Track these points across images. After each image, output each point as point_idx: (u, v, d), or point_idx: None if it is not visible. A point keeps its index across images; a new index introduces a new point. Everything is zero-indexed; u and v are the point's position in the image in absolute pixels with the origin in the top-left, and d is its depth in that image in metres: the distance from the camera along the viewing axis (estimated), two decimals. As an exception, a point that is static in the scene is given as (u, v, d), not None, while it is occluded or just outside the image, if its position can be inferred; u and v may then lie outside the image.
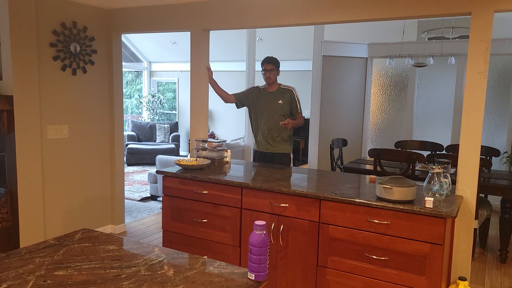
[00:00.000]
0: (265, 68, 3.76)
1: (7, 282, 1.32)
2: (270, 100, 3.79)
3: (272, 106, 3.78)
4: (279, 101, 3.77)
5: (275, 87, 3.82)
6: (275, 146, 3.80)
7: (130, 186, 6.54)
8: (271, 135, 3.79)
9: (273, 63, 3.76)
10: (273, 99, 3.78)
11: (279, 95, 3.78)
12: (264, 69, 3.77)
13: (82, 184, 4.03)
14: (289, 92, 3.79)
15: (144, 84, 10.61)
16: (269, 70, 3.75)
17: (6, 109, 3.28)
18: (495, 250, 4.17)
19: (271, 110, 3.77)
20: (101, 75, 4.13)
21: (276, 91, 3.80)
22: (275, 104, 3.77)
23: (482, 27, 2.58)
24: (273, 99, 3.78)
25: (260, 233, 1.40)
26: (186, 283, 1.35)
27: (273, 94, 3.80)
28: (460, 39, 5.52)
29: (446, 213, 2.23)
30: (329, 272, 2.59)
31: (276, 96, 3.78)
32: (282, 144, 3.81)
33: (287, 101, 3.77)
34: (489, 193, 4.09)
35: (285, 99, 3.77)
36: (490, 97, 5.74)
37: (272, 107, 3.77)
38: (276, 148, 3.81)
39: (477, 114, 2.63)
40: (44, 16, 3.57)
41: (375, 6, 2.91)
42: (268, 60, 3.77)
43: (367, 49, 6.19)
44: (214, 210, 2.98)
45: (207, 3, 3.56)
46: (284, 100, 3.76)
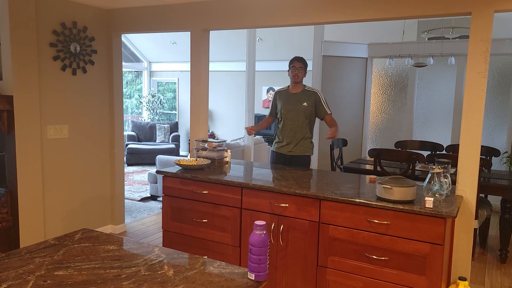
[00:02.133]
0: (294, 65, 3.70)
1: (7, 282, 1.32)
2: (295, 102, 3.71)
3: (296, 108, 3.70)
4: (304, 103, 3.68)
5: (300, 88, 3.74)
6: (297, 148, 3.73)
7: (130, 186, 6.54)
8: (294, 137, 3.72)
9: (303, 62, 3.72)
10: (297, 100, 3.71)
11: (304, 97, 3.70)
12: (293, 67, 3.70)
13: (82, 184, 4.03)
14: (314, 95, 3.72)
15: (144, 84, 10.61)
16: (298, 68, 3.69)
17: (6, 109, 3.28)
18: (495, 250, 4.17)
19: (295, 112, 3.70)
20: (101, 75, 4.13)
21: (300, 93, 3.72)
22: (300, 106, 3.69)
23: (482, 27, 2.58)
24: (297, 100, 3.71)
25: (260, 233, 1.40)
26: (186, 283, 1.35)
27: (298, 95, 3.72)
28: (460, 39, 5.52)
29: (446, 213, 2.23)
30: (329, 272, 2.59)
31: (301, 98, 3.70)
32: (303, 147, 3.74)
33: (311, 103, 3.69)
34: (489, 193, 4.09)
35: (310, 102, 3.69)
36: (490, 97, 5.74)
37: (296, 109, 3.69)
38: (297, 150, 3.73)
39: (477, 114, 2.63)
40: (44, 16, 3.57)
41: (375, 6, 2.91)
42: (298, 59, 3.73)
43: (367, 49, 6.19)
44: (214, 210, 2.98)
45: (207, 3, 3.56)
46: (308, 102, 3.68)
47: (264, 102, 9.19)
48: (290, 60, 3.79)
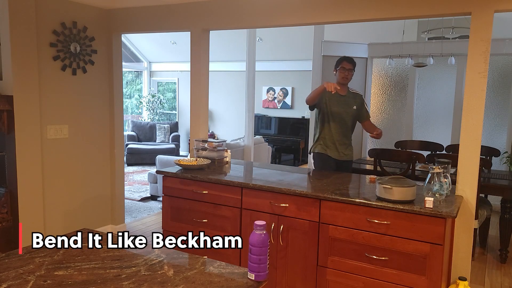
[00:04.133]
0: (344, 66, 3.53)
1: (7, 282, 1.32)
2: (344, 105, 3.58)
3: (345, 111, 3.58)
4: (354, 106, 3.58)
5: (346, 90, 3.63)
6: (346, 154, 3.64)
7: (130, 186, 6.53)
8: (343, 141, 3.60)
9: (353, 63, 3.55)
10: (346, 104, 3.59)
11: (352, 100, 3.61)
12: (342, 68, 3.53)
13: (82, 184, 4.03)
14: (359, 98, 3.65)
15: (144, 84, 10.61)
16: (347, 69, 3.53)
17: (6, 109, 3.28)
18: (495, 250, 4.17)
19: (344, 115, 3.58)
20: (101, 75, 4.13)
21: (347, 95, 3.62)
22: (350, 109, 3.57)
23: (482, 27, 2.57)
24: (346, 104, 3.59)
25: (260, 233, 1.40)
26: (186, 283, 1.35)
27: (346, 98, 3.60)
28: (460, 39, 5.52)
29: (446, 213, 2.23)
30: (329, 272, 2.59)
31: (349, 101, 3.60)
32: (349, 152, 3.68)
33: (358, 106, 3.61)
34: (489, 193, 4.08)
35: (357, 105, 3.61)
36: (490, 97, 5.73)
37: (346, 112, 3.58)
38: (346, 156, 3.64)
39: (477, 114, 2.63)
40: (44, 16, 3.57)
41: (375, 6, 2.91)
42: (348, 60, 3.55)
43: (367, 49, 6.19)
44: (214, 210, 2.98)
45: (207, 3, 3.56)
46: (356, 105, 3.60)
47: (264, 102, 9.19)
48: (338, 59, 3.60)
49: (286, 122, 8.70)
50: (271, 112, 9.10)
